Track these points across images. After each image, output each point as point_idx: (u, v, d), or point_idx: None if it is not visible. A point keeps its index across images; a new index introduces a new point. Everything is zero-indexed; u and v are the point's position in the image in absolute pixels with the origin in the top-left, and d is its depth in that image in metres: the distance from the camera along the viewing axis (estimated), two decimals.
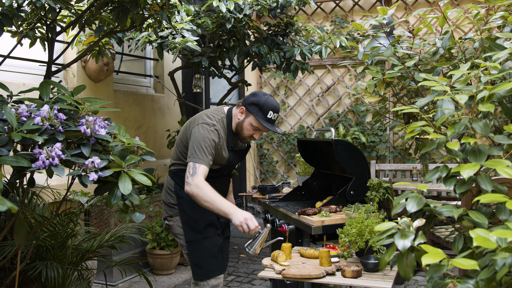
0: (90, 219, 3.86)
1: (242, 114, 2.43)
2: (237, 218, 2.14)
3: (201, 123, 2.35)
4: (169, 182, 2.52)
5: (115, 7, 2.41)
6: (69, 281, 2.58)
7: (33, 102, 1.67)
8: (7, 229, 1.87)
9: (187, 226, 2.43)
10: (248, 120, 2.40)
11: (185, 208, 2.44)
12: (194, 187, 2.19)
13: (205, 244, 2.42)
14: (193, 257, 2.42)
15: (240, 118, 2.43)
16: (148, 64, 5.45)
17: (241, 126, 2.43)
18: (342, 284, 2.08)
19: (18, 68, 3.78)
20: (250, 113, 2.39)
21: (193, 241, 2.42)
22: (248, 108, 2.40)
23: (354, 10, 6.16)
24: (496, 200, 1.05)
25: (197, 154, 2.26)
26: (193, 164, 2.25)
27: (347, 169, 2.81)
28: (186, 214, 2.44)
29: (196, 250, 2.41)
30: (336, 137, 4.39)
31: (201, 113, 2.47)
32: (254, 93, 2.44)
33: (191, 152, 2.29)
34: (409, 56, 2.00)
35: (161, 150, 5.34)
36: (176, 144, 2.52)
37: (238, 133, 2.45)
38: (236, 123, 2.45)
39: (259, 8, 3.71)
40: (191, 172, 2.23)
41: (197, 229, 2.42)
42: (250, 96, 2.42)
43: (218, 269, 2.42)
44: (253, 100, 2.39)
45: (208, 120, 2.37)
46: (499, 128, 2.04)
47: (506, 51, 1.41)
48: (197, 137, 2.30)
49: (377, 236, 1.20)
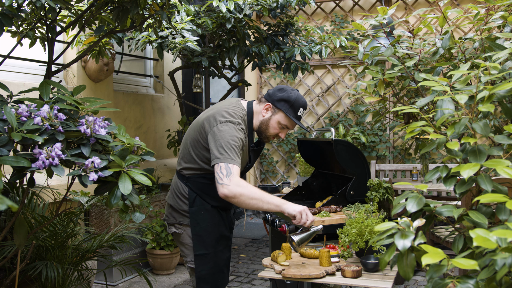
0: (90, 219, 3.86)
1: (267, 111, 2.23)
2: (292, 208, 2.04)
3: (225, 121, 2.12)
4: (181, 187, 2.26)
5: (115, 7, 2.41)
6: (69, 281, 2.58)
7: (33, 102, 1.67)
8: (7, 229, 1.87)
9: (198, 238, 2.21)
10: (276, 117, 2.22)
11: (199, 218, 2.21)
12: (235, 186, 1.96)
13: (214, 258, 2.24)
14: (200, 271, 2.21)
15: (265, 116, 2.23)
16: (148, 64, 5.45)
17: (267, 124, 2.23)
18: (342, 284, 2.08)
19: (18, 68, 3.78)
20: (279, 110, 2.21)
21: (202, 255, 2.21)
22: (276, 104, 2.20)
23: (354, 10, 6.16)
24: (496, 200, 1.05)
25: (228, 154, 2.03)
26: (226, 165, 2.01)
27: (347, 169, 2.81)
28: (198, 225, 2.21)
29: (205, 264, 2.22)
30: (336, 137, 4.39)
31: (220, 109, 2.19)
32: (281, 88, 2.25)
33: (220, 152, 2.04)
34: (409, 56, 2.00)
35: (161, 150, 5.34)
36: (188, 145, 2.25)
37: (262, 131, 2.26)
38: (260, 121, 2.25)
39: (259, 8, 3.71)
40: (225, 173, 1.99)
41: (209, 243, 2.22)
42: (277, 92, 2.22)
43: (223, 283, 2.28)
44: (283, 96, 2.20)
45: (232, 118, 2.14)
46: (499, 128, 2.04)
47: (506, 51, 1.41)
48: (225, 136, 2.07)
49: (377, 236, 1.20)
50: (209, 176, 2.19)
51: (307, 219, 2.05)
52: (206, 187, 2.22)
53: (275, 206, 2.05)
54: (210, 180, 2.17)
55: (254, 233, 5.84)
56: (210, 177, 2.16)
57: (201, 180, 2.22)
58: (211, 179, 2.13)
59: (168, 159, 5.45)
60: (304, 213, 2.05)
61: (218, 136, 2.08)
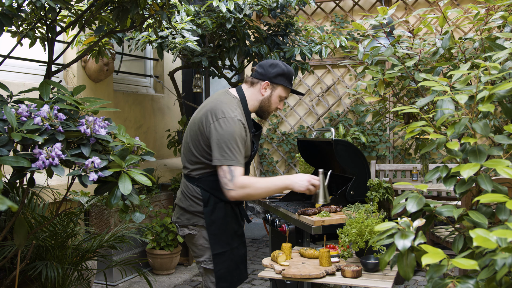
0: (90, 219, 3.86)
1: (266, 89, 2.28)
2: (299, 185, 2.20)
3: (222, 117, 2.13)
4: (193, 189, 2.25)
5: (115, 7, 2.41)
6: (69, 281, 2.58)
7: (33, 102, 1.67)
8: (7, 229, 1.87)
9: (214, 237, 2.22)
10: (276, 92, 2.29)
11: (213, 217, 2.22)
12: (240, 189, 2.08)
13: (232, 256, 2.26)
14: (219, 270, 2.22)
15: (265, 94, 2.28)
16: (148, 64, 5.45)
17: (269, 101, 2.29)
18: (342, 284, 2.08)
19: (18, 68, 3.78)
20: (278, 85, 2.28)
21: (220, 254, 2.22)
22: (274, 80, 2.26)
23: (354, 10, 6.16)
24: (496, 200, 1.05)
25: (228, 155, 2.08)
26: (228, 169, 2.08)
27: (347, 169, 2.81)
28: (214, 224, 2.22)
29: (223, 263, 2.23)
30: (336, 137, 4.39)
31: (214, 105, 2.20)
32: (271, 63, 2.29)
33: (221, 153, 2.08)
34: (409, 56, 2.00)
35: (161, 150, 5.34)
36: (190, 146, 2.25)
37: (264, 110, 2.31)
38: (259, 101, 2.29)
39: (259, 8, 3.71)
40: (229, 178, 2.07)
41: (225, 240, 2.24)
42: (270, 68, 2.27)
43: (239, 279, 2.30)
44: (278, 71, 2.26)
45: (229, 112, 2.15)
46: (499, 128, 2.04)
47: (506, 51, 1.41)
48: (223, 134, 2.10)
49: (377, 236, 1.20)
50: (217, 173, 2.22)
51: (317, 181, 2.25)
52: (217, 184, 2.22)
53: (283, 189, 2.22)
54: None
55: (254, 233, 5.84)
56: None
57: (211, 178, 2.22)
58: None
59: (168, 159, 5.45)
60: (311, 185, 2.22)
61: (217, 134, 2.11)
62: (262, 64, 2.32)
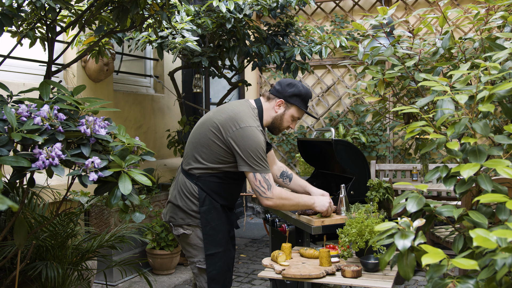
0: (90, 219, 3.86)
1: (280, 107, 2.33)
2: (321, 205, 2.36)
3: (247, 126, 2.18)
4: (190, 186, 2.25)
5: (115, 7, 2.41)
6: (69, 281, 2.58)
7: (33, 102, 1.67)
8: (7, 229, 1.87)
9: (209, 237, 2.24)
10: (290, 112, 2.33)
11: (209, 218, 2.24)
12: (278, 200, 2.19)
13: (224, 257, 2.28)
14: (211, 271, 2.24)
15: (278, 112, 2.33)
16: (148, 64, 5.45)
17: (281, 119, 2.34)
18: (342, 284, 2.08)
19: (18, 68, 3.78)
20: (293, 105, 2.32)
21: (213, 254, 2.24)
22: (289, 100, 2.31)
23: (354, 10, 6.16)
24: (496, 200, 1.05)
25: (260, 164, 2.16)
26: (263, 177, 2.16)
27: (347, 169, 2.81)
28: (209, 225, 2.24)
29: (216, 263, 2.25)
30: (336, 137, 4.39)
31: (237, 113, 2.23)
32: (289, 82, 2.33)
33: (253, 162, 2.15)
34: (409, 56, 2.00)
35: (161, 150, 5.34)
36: (198, 145, 2.26)
37: (275, 126, 2.36)
38: (272, 117, 2.34)
39: (259, 8, 3.71)
40: (266, 186, 2.17)
41: (218, 241, 2.26)
42: (287, 87, 2.32)
43: (230, 282, 2.31)
44: (294, 91, 2.31)
45: (251, 122, 2.21)
46: (499, 128, 2.04)
47: (506, 51, 1.41)
48: (252, 145, 2.15)
49: (377, 236, 1.20)
50: (220, 175, 2.24)
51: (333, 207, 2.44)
52: (216, 186, 2.24)
53: (307, 207, 2.38)
54: (221, 179, 2.25)
55: (254, 233, 5.84)
56: (221, 176, 2.24)
57: (211, 179, 2.24)
58: (222, 177, 2.24)
59: (168, 159, 5.45)
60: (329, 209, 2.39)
61: (243, 143, 2.16)
62: (281, 81, 2.37)
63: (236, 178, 2.29)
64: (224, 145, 2.20)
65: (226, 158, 2.22)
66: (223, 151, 2.20)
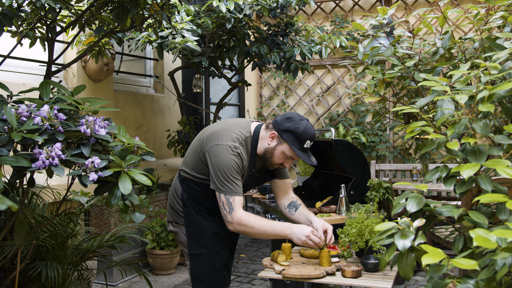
0: (90, 219, 3.86)
1: (273, 140, 2.14)
2: (297, 238, 2.06)
3: (222, 144, 2.07)
4: (177, 186, 2.29)
5: (115, 7, 2.41)
6: (69, 281, 2.58)
7: (33, 102, 1.67)
8: (7, 229, 1.87)
9: (192, 237, 2.22)
10: (281, 148, 2.12)
11: (191, 219, 2.23)
12: (237, 225, 2.05)
13: (209, 259, 2.22)
14: (194, 270, 2.22)
15: (270, 144, 2.14)
16: (148, 64, 5.45)
17: (271, 153, 2.14)
18: (342, 284, 2.08)
19: (18, 68, 3.78)
20: (285, 141, 2.10)
21: (196, 255, 2.21)
22: (282, 135, 2.10)
23: (354, 10, 6.16)
24: (496, 200, 1.05)
25: (226, 185, 2.04)
26: (226, 199, 2.04)
27: (347, 169, 2.81)
28: (192, 226, 2.23)
29: (200, 264, 2.21)
30: (336, 137, 4.39)
31: (225, 128, 2.16)
32: (288, 117, 2.13)
33: (219, 182, 2.05)
34: (409, 56, 2.00)
35: (161, 150, 5.34)
36: (192, 151, 2.24)
37: (266, 159, 2.17)
38: (264, 148, 2.16)
39: (259, 8, 3.71)
40: (228, 210, 2.04)
41: (202, 243, 2.22)
42: (285, 121, 2.11)
43: (221, 284, 2.25)
44: (289, 127, 2.09)
45: (230, 142, 2.08)
46: (499, 128, 2.04)
47: (506, 51, 1.41)
48: (220, 164, 2.05)
49: (377, 236, 1.20)
50: (201, 185, 2.21)
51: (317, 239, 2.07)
52: (197, 193, 2.24)
53: (281, 237, 2.09)
54: (202, 189, 2.21)
55: None
56: (202, 186, 2.20)
57: (193, 186, 2.24)
58: (203, 187, 2.19)
59: (168, 159, 5.45)
60: (309, 241, 2.06)
61: (214, 160, 2.07)
62: (285, 113, 2.18)
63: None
64: (203, 157, 2.14)
65: (206, 171, 2.16)
66: (203, 163, 2.16)
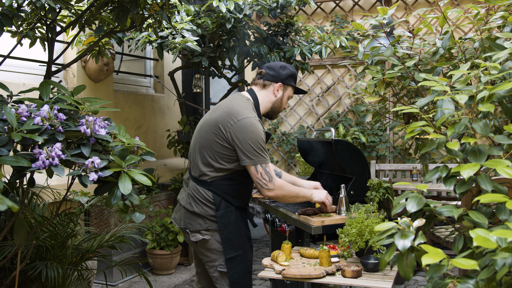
0: (90, 219, 3.86)
1: (279, 91, 2.37)
2: (319, 197, 2.39)
3: (245, 117, 2.17)
4: (204, 193, 2.23)
5: (115, 7, 2.41)
6: (69, 281, 2.58)
7: (33, 102, 1.67)
8: (7, 229, 1.87)
9: (227, 241, 2.23)
10: (287, 93, 2.40)
11: (226, 221, 2.23)
12: (279, 190, 2.20)
13: (244, 260, 2.26)
14: (232, 274, 2.22)
15: (277, 95, 2.37)
16: (148, 64, 5.45)
17: (280, 102, 2.39)
18: (342, 284, 2.08)
19: (18, 68, 3.78)
20: (289, 86, 2.39)
21: (233, 258, 2.23)
22: (286, 82, 2.36)
23: (354, 10, 6.16)
24: (496, 200, 1.05)
25: (261, 155, 2.15)
26: (264, 169, 2.16)
27: (347, 169, 2.81)
28: (227, 228, 2.22)
29: (236, 267, 2.23)
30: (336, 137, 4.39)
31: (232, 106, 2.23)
32: (281, 65, 2.38)
33: (253, 154, 2.14)
34: (409, 56, 2.00)
35: (161, 150, 5.34)
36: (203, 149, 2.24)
37: (275, 110, 2.40)
38: (272, 102, 2.37)
39: (259, 8, 3.71)
40: (268, 178, 2.17)
41: (237, 244, 2.24)
42: (281, 70, 2.36)
43: (250, 285, 2.29)
44: (288, 72, 2.36)
45: (247, 113, 2.20)
46: (499, 128, 2.04)
47: (506, 51, 1.41)
48: (252, 136, 2.14)
49: (377, 236, 1.20)
50: (231, 176, 2.22)
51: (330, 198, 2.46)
52: (229, 188, 2.23)
53: (306, 199, 2.38)
54: (233, 180, 2.23)
55: (254, 233, 5.84)
56: (233, 177, 2.23)
57: (224, 182, 2.22)
58: (234, 178, 2.23)
59: (168, 159, 5.45)
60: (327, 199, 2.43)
61: (242, 136, 2.14)
62: (271, 66, 2.38)
63: (247, 176, 2.27)
64: (226, 142, 2.17)
65: (231, 155, 2.19)
66: (226, 149, 2.18)
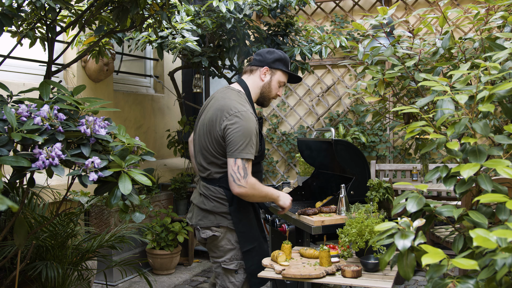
0: (90, 219, 3.86)
1: (265, 75, 2.36)
2: (283, 201, 2.33)
3: (235, 112, 2.16)
4: (215, 190, 2.26)
5: (115, 7, 2.41)
6: (69, 281, 2.58)
7: (33, 102, 1.67)
8: (7, 229, 1.87)
9: (242, 234, 2.25)
10: (276, 78, 2.37)
11: (240, 215, 2.25)
12: (250, 189, 2.13)
13: (260, 250, 2.30)
14: (249, 267, 2.25)
15: (264, 80, 2.36)
16: (148, 64, 5.45)
17: (269, 86, 2.37)
18: (342, 284, 2.08)
19: (18, 68, 3.78)
20: (277, 70, 2.36)
21: (249, 250, 2.26)
22: (273, 66, 2.35)
23: (354, 10, 6.16)
24: (496, 200, 1.05)
25: (245, 149, 2.12)
26: (243, 164, 2.11)
27: (347, 169, 2.81)
28: (241, 222, 2.25)
29: (253, 259, 2.27)
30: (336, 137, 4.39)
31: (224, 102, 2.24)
32: (268, 50, 2.38)
33: (237, 147, 2.11)
34: (409, 56, 2.00)
35: (161, 150, 5.34)
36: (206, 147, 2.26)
37: (265, 96, 2.39)
38: (260, 87, 2.37)
39: (259, 8, 3.71)
40: (243, 174, 2.11)
41: (252, 236, 2.28)
42: (268, 54, 2.36)
43: None
44: (275, 56, 2.35)
45: (240, 107, 2.19)
46: (499, 128, 2.04)
47: (506, 51, 1.41)
48: (240, 130, 2.13)
49: (377, 236, 1.20)
50: None
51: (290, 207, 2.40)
52: None
53: (272, 200, 2.31)
54: None
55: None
56: None
57: None
58: None
59: (168, 159, 5.45)
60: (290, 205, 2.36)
61: (233, 130, 2.14)
62: (259, 52, 2.40)
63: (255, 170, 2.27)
64: (221, 139, 2.18)
65: None
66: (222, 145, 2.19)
